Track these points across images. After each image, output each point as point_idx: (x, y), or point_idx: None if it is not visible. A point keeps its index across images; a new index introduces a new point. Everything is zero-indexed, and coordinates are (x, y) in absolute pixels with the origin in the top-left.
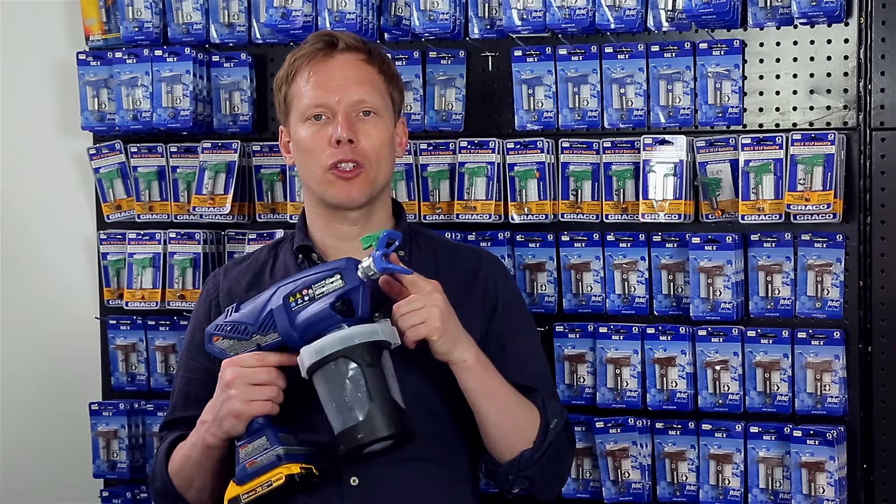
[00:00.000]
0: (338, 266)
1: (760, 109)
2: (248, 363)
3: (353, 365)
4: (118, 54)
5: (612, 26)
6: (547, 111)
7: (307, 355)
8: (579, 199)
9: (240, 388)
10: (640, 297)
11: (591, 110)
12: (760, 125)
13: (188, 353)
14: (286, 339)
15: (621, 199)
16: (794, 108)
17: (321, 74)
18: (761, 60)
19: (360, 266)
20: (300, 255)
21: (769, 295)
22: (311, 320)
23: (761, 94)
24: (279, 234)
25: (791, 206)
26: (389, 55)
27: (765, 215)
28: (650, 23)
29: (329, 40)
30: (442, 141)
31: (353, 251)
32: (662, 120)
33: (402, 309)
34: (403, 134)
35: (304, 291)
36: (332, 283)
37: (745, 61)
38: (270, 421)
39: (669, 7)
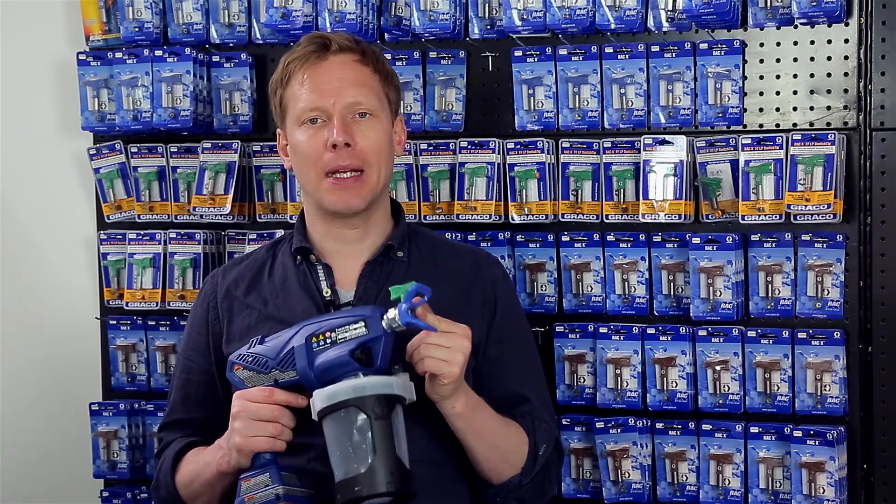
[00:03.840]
0: (364, 313)
1: (760, 110)
2: (254, 398)
3: (363, 415)
4: (118, 54)
5: (613, 26)
6: (547, 111)
7: (319, 399)
8: (579, 200)
9: (243, 422)
10: (640, 297)
11: (592, 110)
12: (760, 125)
13: (185, 353)
14: (303, 378)
15: (621, 200)
16: (795, 109)
17: (315, 77)
18: (761, 60)
19: (385, 316)
20: (298, 257)
21: (769, 295)
22: (328, 364)
23: (761, 94)
24: (279, 234)
25: (791, 207)
26: (385, 54)
27: (765, 215)
28: (650, 23)
29: (322, 42)
30: (442, 141)
31: (354, 253)
32: (662, 120)
33: (431, 339)
34: (402, 132)
35: (327, 334)
36: (355, 329)
37: (745, 61)
38: (277, 457)
39: (669, 7)
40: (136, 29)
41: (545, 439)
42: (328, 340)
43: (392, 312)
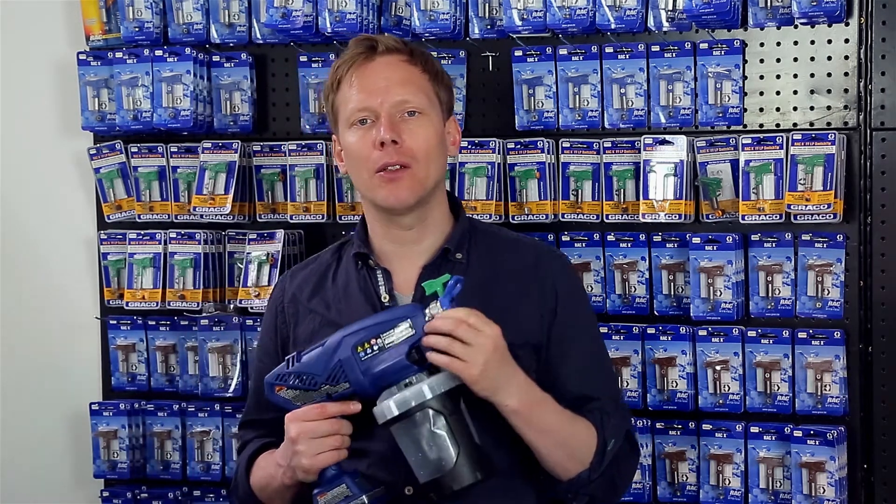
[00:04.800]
0: (406, 313)
1: (761, 109)
2: (310, 416)
3: (439, 416)
4: (118, 54)
5: (613, 26)
6: (547, 111)
7: (388, 408)
8: (580, 200)
9: (305, 443)
10: (640, 297)
11: (592, 110)
12: (761, 125)
13: (259, 356)
14: (358, 389)
15: (621, 200)
16: (795, 108)
17: (363, 78)
18: (762, 60)
19: (427, 313)
20: (359, 262)
21: (769, 295)
22: (386, 371)
23: (762, 94)
24: (279, 234)
25: (791, 206)
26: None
27: (765, 215)
28: (650, 23)
29: (369, 44)
30: None
31: (412, 256)
32: (663, 120)
33: (459, 332)
34: (456, 132)
35: (373, 341)
36: (402, 331)
37: (745, 61)
38: (342, 466)
39: (670, 7)
40: (137, 29)
41: (614, 434)
42: (376, 347)
43: (434, 308)
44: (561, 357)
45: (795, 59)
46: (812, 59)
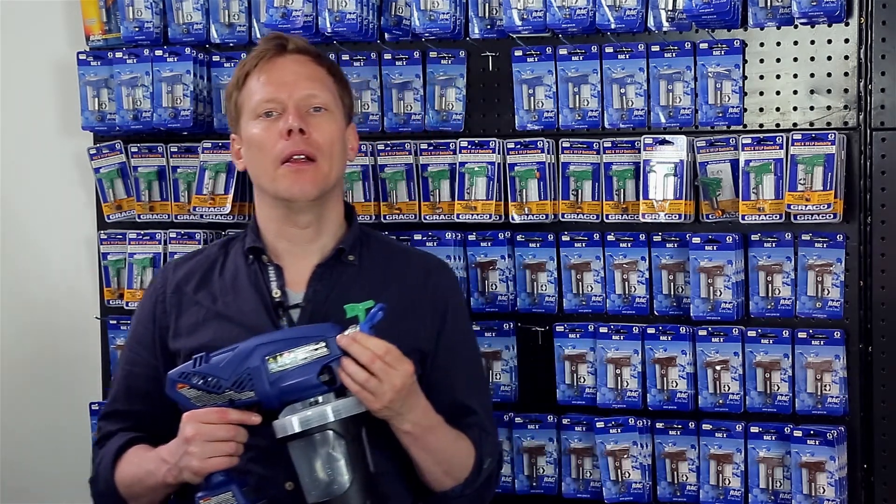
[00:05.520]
0: (323, 333)
1: (761, 109)
2: (208, 419)
3: (340, 439)
4: (118, 54)
5: (613, 26)
6: (547, 111)
7: (290, 424)
8: (580, 199)
9: (199, 445)
10: (640, 297)
11: (592, 110)
12: (761, 125)
13: (130, 345)
14: (263, 399)
15: (621, 199)
16: (795, 108)
17: (272, 73)
18: (761, 60)
19: (344, 336)
20: (250, 257)
21: (769, 295)
22: (294, 386)
23: (761, 94)
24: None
25: (791, 206)
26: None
27: (765, 215)
28: (650, 23)
29: (279, 42)
30: (442, 141)
31: (306, 255)
32: (663, 120)
33: (375, 366)
34: (354, 139)
35: (286, 354)
36: (316, 349)
37: (745, 61)
38: (230, 473)
39: (670, 7)
40: (137, 29)
41: (490, 452)
42: (287, 361)
43: (352, 331)
44: (449, 365)
45: (795, 59)
46: (812, 59)
